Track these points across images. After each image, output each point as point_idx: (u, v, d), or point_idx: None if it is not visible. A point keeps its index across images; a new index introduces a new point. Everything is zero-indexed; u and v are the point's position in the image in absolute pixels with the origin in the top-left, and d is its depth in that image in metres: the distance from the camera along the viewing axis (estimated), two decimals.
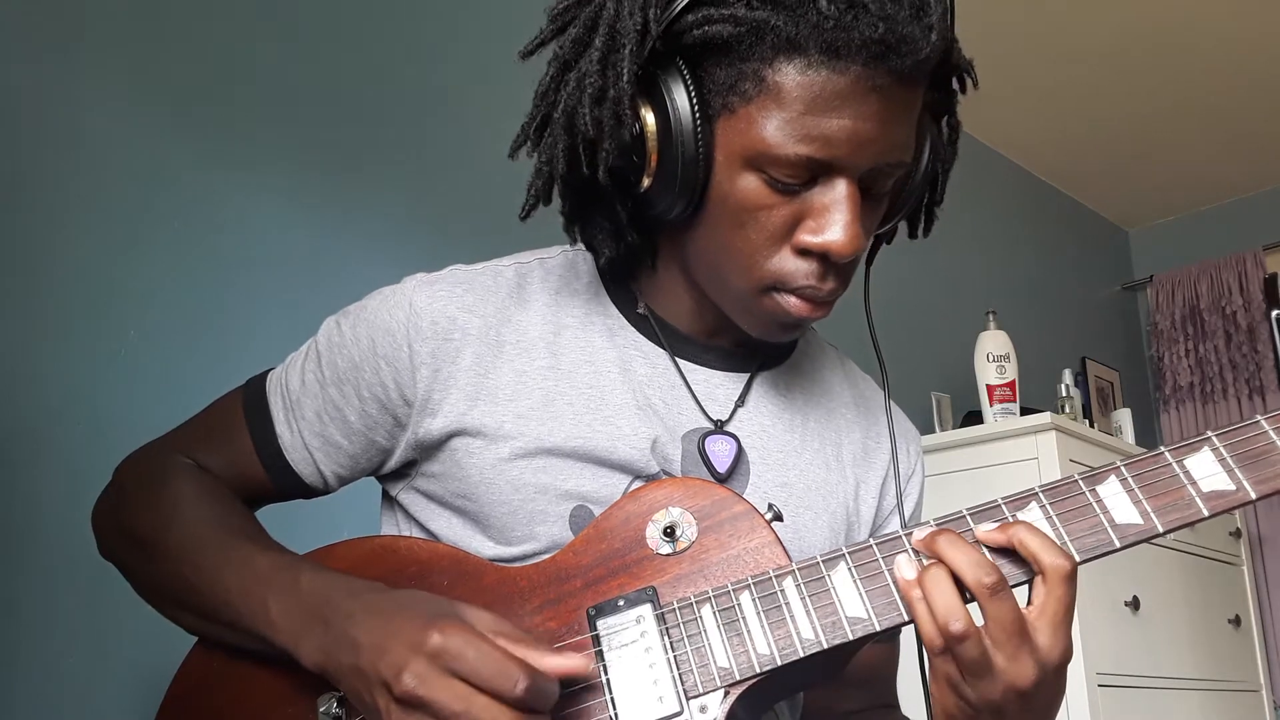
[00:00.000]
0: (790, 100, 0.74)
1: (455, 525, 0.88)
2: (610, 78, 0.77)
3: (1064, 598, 0.68)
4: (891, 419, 0.96)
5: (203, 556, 0.84)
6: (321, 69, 1.86)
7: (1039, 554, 0.69)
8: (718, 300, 0.86)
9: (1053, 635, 0.68)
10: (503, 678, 0.66)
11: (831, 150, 0.75)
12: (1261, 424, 0.73)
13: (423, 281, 0.89)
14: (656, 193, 0.80)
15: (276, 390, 0.92)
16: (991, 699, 0.68)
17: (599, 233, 0.86)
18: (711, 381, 0.92)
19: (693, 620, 0.75)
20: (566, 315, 0.90)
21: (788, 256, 0.79)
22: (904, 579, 0.71)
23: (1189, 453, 0.73)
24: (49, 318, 1.45)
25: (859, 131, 0.74)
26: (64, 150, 1.51)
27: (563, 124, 0.79)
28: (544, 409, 0.85)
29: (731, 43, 0.75)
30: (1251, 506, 3.86)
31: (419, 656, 0.67)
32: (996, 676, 0.67)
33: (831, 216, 0.77)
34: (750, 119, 0.75)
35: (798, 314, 0.81)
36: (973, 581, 0.68)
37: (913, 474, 1.00)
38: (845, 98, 0.73)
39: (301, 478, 0.91)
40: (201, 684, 0.87)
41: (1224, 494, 0.72)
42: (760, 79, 0.74)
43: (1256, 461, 0.72)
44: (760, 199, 0.77)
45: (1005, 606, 0.67)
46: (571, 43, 0.80)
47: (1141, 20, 3.04)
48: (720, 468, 0.87)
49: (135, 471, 0.93)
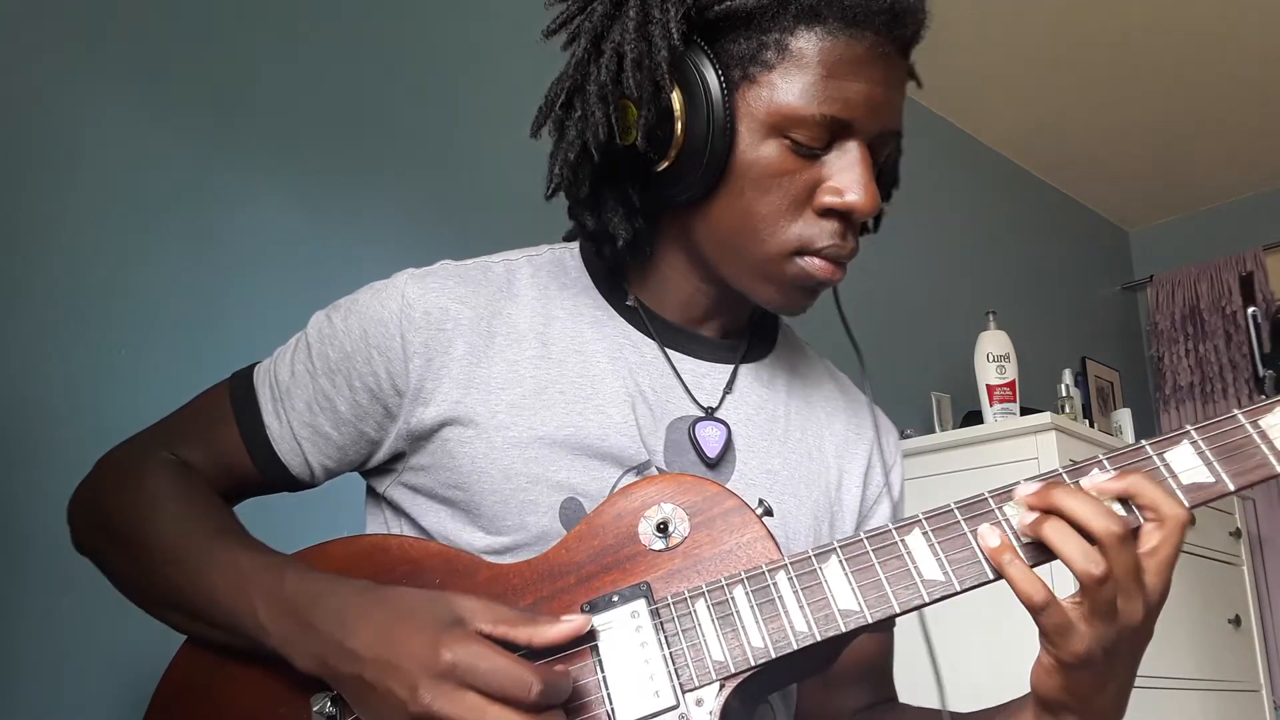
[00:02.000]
0: (813, 65, 0.80)
1: (444, 518, 0.88)
2: (647, 45, 0.81)
3: (1177, 544, 0.72)
4: (875, 411, 0.99)
5: (185, 554, 0.83)
6: (321, 70, 1.86)
7: (1160, 503, 0.72)
8: (732, 275, 0.88)
9: (1159, 577, 0.72)
10: (517, 686, 0.68)
11: (851, 111, 0.80)
12: (1239, 418, 0.75)
13: (414, 275, 0.90)
14: (677, 170, 0.83)
15: (265, 382, 0.92)
16: (1107, 639, 0.71)
17: (614, 217, 0.88)
18: (699, 371, 0.93)
19: (687, 615, 0.76)
20: (556, 308, 0.91)
21: (811, 219, 0.84)
22: (990, 546, 0.73)
23: (1169, 446, 0.76)
24: (49, 318, 1.46)
25: (873, 95, 0.81)
26: (64, 151, 1.51)
27: (596, 94, 0.83)
28: (535, 398, 0.86)
29: (754, 14, 0.80)
30: (1252, 507, 3.85)
31: (432, 675, 0.68)
32: (1116, 617, 0.71)
33: (850, 176, 0.82)
34: (773, 85, 0.81)
35: (822, 275, 0.85)
36: (1102, 530, 0.70)
37: (894, 466, 1.02)
38: (861, 63, 0.80)
39: (289, 469, 0.91)
40: (190, 684, 0.86)
41: (1203, 486, 0.74)
42: (783, 47, 0.80)
43: (1234, 455, 0.74)
44: (784, 164, 0.82)
45: (1130, 552, 0.71)
46: (601, 17, 0.84)
47: (1142, 21, 3.04)
48: (710, 453, 0.89)
49: (115, 466, 0.93)
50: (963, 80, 3.25)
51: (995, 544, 0.73)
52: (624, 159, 0.85)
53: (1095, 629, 0.71)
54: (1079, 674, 0.73)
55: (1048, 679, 0.74)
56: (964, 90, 3.29)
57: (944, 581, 0.74)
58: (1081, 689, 0.74)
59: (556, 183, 0.88)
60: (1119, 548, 0.70)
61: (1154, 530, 0.72)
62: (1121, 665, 0.74)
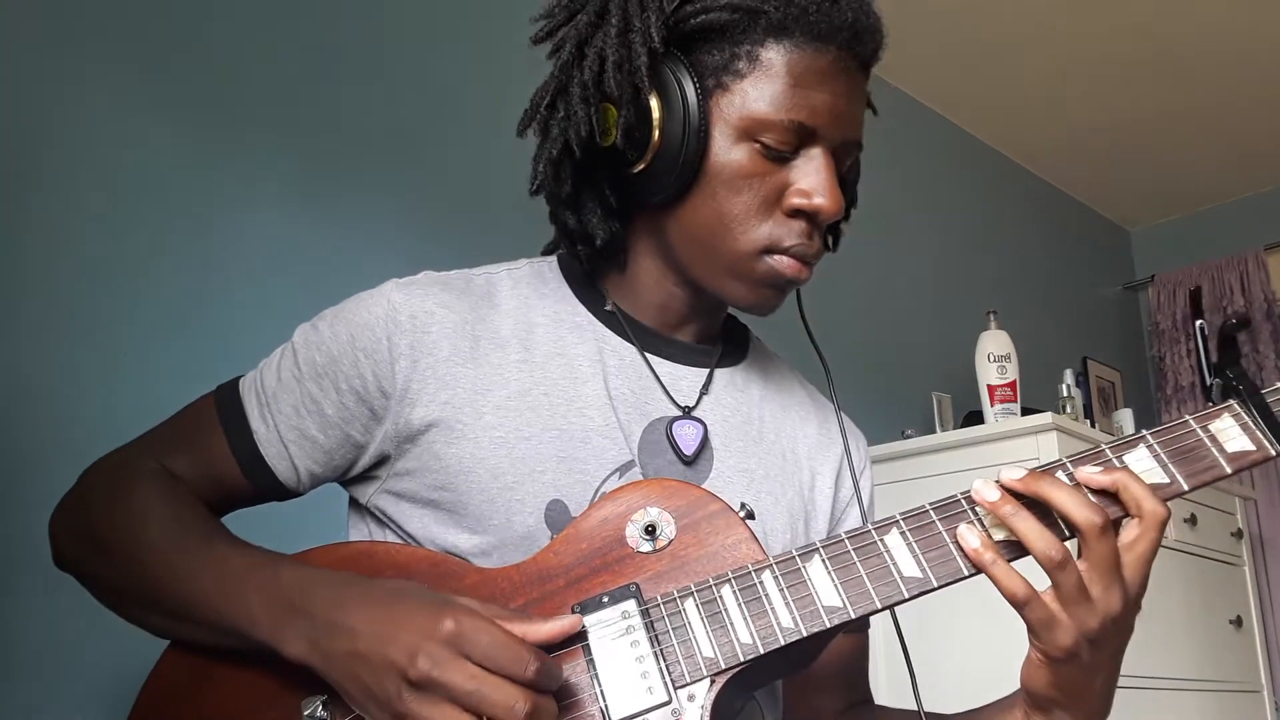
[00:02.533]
0: (781, 75, 0.85)
1: (429, 521, 0.89)
2: (627, 51, 0.86)
3: (1156, 540, 0.76)
4: (842, 419, 1.04)
5: (176, 555, 0.84)
6: (321, 70, 1.87)
7: (1142, 499, 0.76)
8: (703, 276, 0.92)
9: (1137, 570, 0.76)
10: (515, 661, 0.70)
11: (816, 119, 0.86)
12: (1190, 423, 0.81)
13: (399, 283, 0.93)
14: (653, 171, 0.88)
15: (251, 390, 0.93)
16: (1089, 628, 0.75)
17: (593, 217, 0.93)
18: (676, 373, 0.97)
19: (677, 614, 0.78)
20: (537, 315, 0.94)
21: (780, 219, 0.88)
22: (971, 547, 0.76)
23: (1127, 449, 0.80)
24: (50, 319, 1.46)
25: (836, 105, 0.87)
26: (63, 151, 1.52)
27: (578, 94, 0.88)
28: (520, 400, 0.89)
29: (728, 27, 0.86)
30: (1254, 507, 3.84)
31: (433, 641, 0.70)
32: (1094, 605, 0.74)
33: (817, 180, 0.87)
34: (744, 93, 0.86)
35: (790, 273, 0.89)
36: (1083, 519, 0.74)
37: (864, 469, 1.06)
38: (825, 75, 0.86)
39: (276, 474, 0.92)
40: (175, 688, 0.86)
41: (1159, 486, 0.78)
42: (754, 58, 0.86)
43: (1186, 457, 0.80)
44: (754, 167, 0.87)
45: (1108, 543, 0.74)
46: (586, 24, 0.89)
47: (1143, 21, 3.04)
48: (687, 450, 0.92)
49: (102, 477, 0.93)
50: (963, 80, 3.25)
51: (975, 545, 0.76)
52: (603, 160, 0.90)
53: (1075, 618, 0.74)
54: (1066, 668, 0.77)
55: (1036, 674, 0.78)
56: (964, 90, 3.30)
57: (922, 578, 0.78)
58: (1069, 683, 0.78)
59: (540, 180, 0.93)
60: (1099, 538, 0.74)
61: (1134, 524, 0.76)
62: (1106, 656, 0.78)
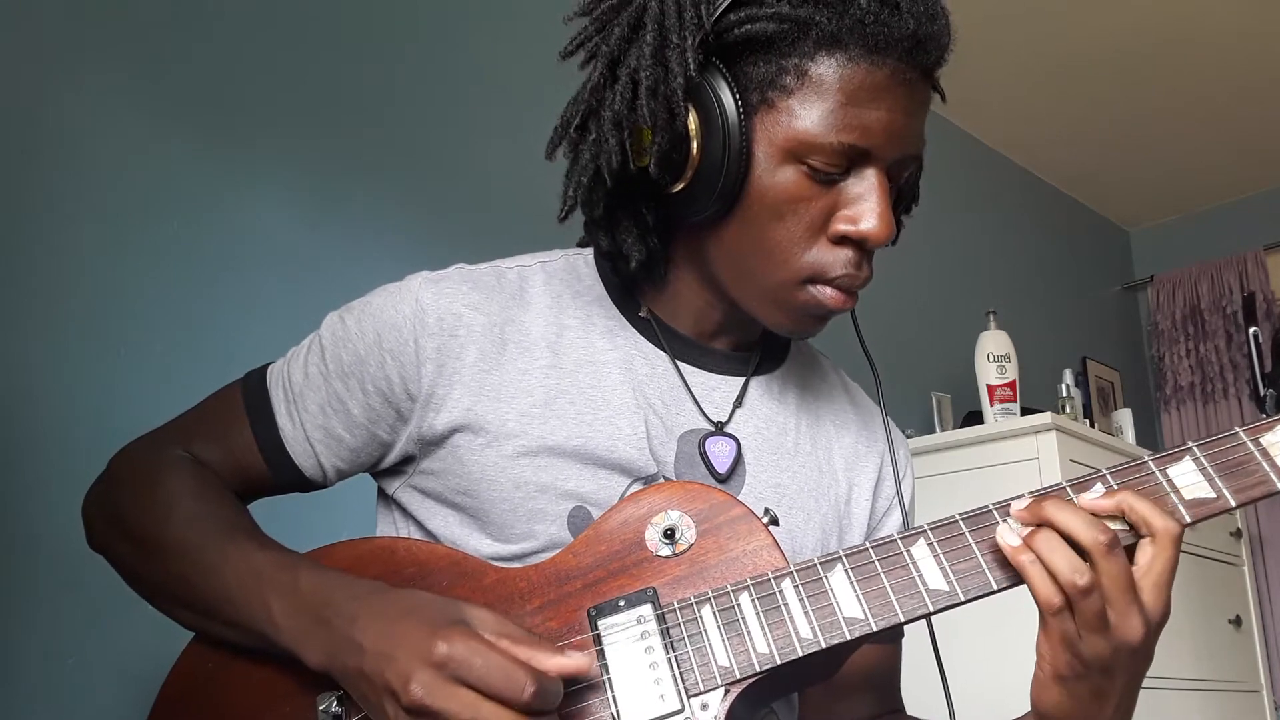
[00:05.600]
0: (832, 92, 0.78)
1: (453, 523, 0.88)
2: (663, 72, 0.80)
3: (1171, 559, 0.72)
4: (888, 424, 0.99)
5: (200, 553, 0.84)
6: (321, 70, 1.86)
7: (1150, 517, 0.72)
8: (742, 298, 0.87)
9: (1157, 594, 0.72)
10: (510, 684, 0.67)
11: (869, 139, 0.79)
12: (1241, 435, 0.76)
13: (428, 279, 0.89)
14: (691, 192, 0.82)
15: (278, 383, 0.92)
16: (1102, 655, 0.71)
17: (628, 237, 0.87)
18: (709, 384, 0.93)
19: (693, 620, 0.76)
20: (568, 316, 0.91)
21: (825, 247, 0.82)
22: (1010, 545, 0.73)
23: (1172, 461, 0.76)
24: (49, 317, 1.46)
25: (893, 123, 0.79)
26: (63, 151, 1.51)
27: (610, 120, 0.82)
28: (546, 407, 0.86)
29: (775, 39, 0.79)
30: (1253, 507, 3.85)
31: (425, 666, 0.68)
32: (1110, 632, 0.71)
33: (866, 205, 0.80)
34: (791, 111, 0.79)
35: (833, 305, 0.84)
36: (1089, 540, 0.70)
37: (905, 476, 1.02)
38: (882, 90, 0.79)
39: (302, 471, 0.91)
40: (196, 682, 0.87)
41: (1205, 501, 0.75)
42: (802, 73, 0.79)
43: (1235, 471, 0.75)
44: (800, 190, 0.80)
45: (1119, 564, 0.71)
46: (618, 40, 0.82)
47: (1143, 21, 3.04)
48: (720, 468, 0.89)
49: (130, 464, 0.93)
50: (963, 81, 3.24)
51: (1015, 543, 0.73)
52: (638, 179, 0.85)
53: (1088, 642, 0.71)
54: (1076, 686, 0.73)
55: (1045, 693, 0.75)
56: (965, 91, 3.29)
57: (948, 591, 0.75)
58: (1080, 705, 0.74)
59: (570, 204, 0.87)
60: (1107, 558, 0.70)
61: (1147, 545, 0.72)
62: (1121, 683, 0.74)
